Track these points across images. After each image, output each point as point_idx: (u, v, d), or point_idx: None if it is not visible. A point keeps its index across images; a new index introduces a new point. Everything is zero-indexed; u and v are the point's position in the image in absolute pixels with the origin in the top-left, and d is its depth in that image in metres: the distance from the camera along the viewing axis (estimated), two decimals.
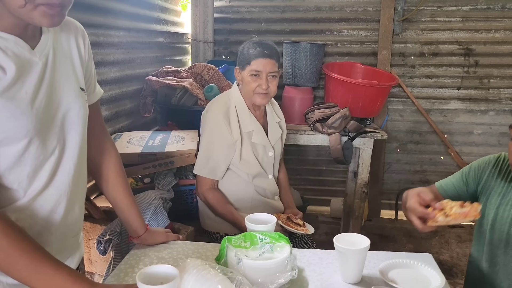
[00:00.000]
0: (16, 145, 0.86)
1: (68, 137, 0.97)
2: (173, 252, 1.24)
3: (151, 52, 2.65)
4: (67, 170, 0.97)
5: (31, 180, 0.90)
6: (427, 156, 3.46)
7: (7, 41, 0.84)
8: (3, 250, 0.80)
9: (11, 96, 0.83)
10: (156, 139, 1.96)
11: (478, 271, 1.33)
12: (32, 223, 0.92)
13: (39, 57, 0.90)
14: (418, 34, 3.25)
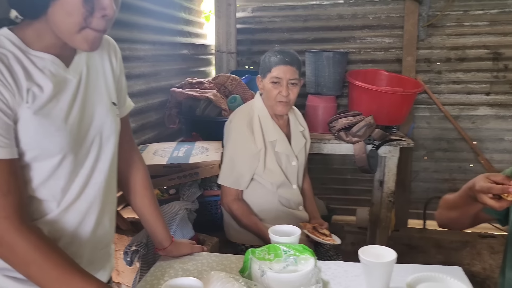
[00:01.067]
0: (51, 160, 0.89)
1: (100, 151, 1.00)
2: (198, 264, 1.24)
3: (175, 64, 2.70)
4: (98, 183, 0.99)
5: (64, 193, 0.93)
6: (456, 164, 3.37)
7: (44, 61, 0.87)
8: (35, 263, 0.83)
9: (47, 113, 0.86)
10: (180, 150, 1.99)
11: (509, 285, 1.28)
12: (63, 235, 0.95)
13: (73, 75, 0.93)
14: (444, 39, 3.19)
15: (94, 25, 0.84)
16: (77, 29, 0.82)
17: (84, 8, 0.80)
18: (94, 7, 0.82)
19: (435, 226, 3.63)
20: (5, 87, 0.81)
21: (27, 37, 0.87)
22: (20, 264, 0.84)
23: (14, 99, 0.82)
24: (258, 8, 3.40)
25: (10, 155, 0.82)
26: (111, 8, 0.83)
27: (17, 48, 0.85)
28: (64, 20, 0.82)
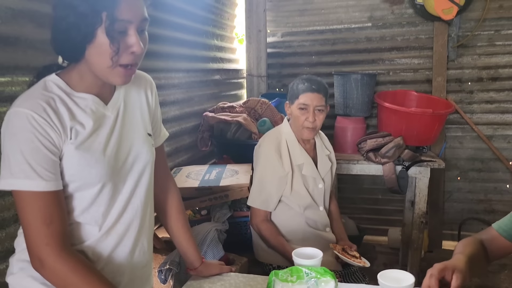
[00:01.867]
0: (92, 189, 1.00)
1: (137, 178, 1.10)
2: (226, 284, 1.32)
3: (208, 89, 2.83)
4: (135, 208, 1.09)
5: (105, 218, 1.03)
6: (491, 184, 3.30)
7: (86, 101, 1.00)
8: (73, 286, 0.93)
9: (88, 147, 0.98)
10: (212, 173, 2.09)
11: None
12: (103, 256, 1.05)
13: (111, 111, 1.04)
14: (475, 59, 3.18)
15: (123, 61, 0.95)
16: (109, 66, 0.94)
17: (111, 49, 0.92)
18: (120, 47, 0.93)
19: None
20: (52, 128, 0.93)
21: (72, 79, 1.00)
22: (61, 286, 0.95)
23: (60, 138, 0.94)
24: (288, 33, 3.51)
25: (55, 187, 0.94)
26: (138, 45, 0.94)
27: (62, 92, 0.97)
28: (97, 60, 0.94)
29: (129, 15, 0.92)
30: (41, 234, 0.92)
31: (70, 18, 0.90)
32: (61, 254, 0.93)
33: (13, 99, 0.96)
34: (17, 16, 1.29)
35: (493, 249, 1.37)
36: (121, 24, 0.91)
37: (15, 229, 1.10)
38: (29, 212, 0.92)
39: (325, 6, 3.40)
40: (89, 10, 0.88)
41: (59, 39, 0.95)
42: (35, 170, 0.90)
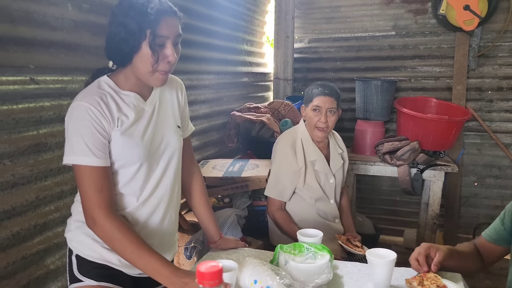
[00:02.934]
0: (132, 167, 1.26)
1: (168, 161, 1.35)
2: (240, 256, 1.55)
3: (236, 91, 3.08)
4: (165, 185, 1.35)
5: (141, 191, 1.29)
6: (508, 191, 3.38)
7: (129, 97, 1.26)
8: (117, 240, 1.19)
9: (130, 133, 1.24)
10: (235, 166, 2.33)
11: None
12: (139, 222, 1.31)
13: (149, 106, 1.30)
14: (496, 69, 3.28)
15: (161, 68, 1.20)
16: (149, 72, 1.20)
17: (152, 59, 1.17)
18: (159, 57, 1.18)
19: None
20: (104, 118, 1.19)
21: (119, 80, 1.26)
22: (108, 240, 1.21)
23: (109, 126, 1.20)
24: (314, 39, 3.72)
25: (105, 163, 1.20)
26: (173, 56, 1.20)
27: (112, 90, 1.24)
28: (141, 66, 1.20)
29: (167, 32, 1.17)
30: (94, 199, 1.18)
31: (121, 33, 1.16)
32: (109, 215, 1.19)
33: (73, 94, 1.23)
34: (78, 26, 1.58)
35: (485, 255, 1.56)
36: (161, 39, 1.17)
37: (71, 200, 1.38)
38: (85, 182, 1.18)
39: (351, 15, 3.58)
40: (137, 28, 1.14)
41: (112, 49, 1.21)
42: (91, 149, 1.17)
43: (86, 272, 1.28)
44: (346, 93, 3.45)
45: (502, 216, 1.51)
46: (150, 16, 1.14)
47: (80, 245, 1.29)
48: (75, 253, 1.30)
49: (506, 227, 1.48)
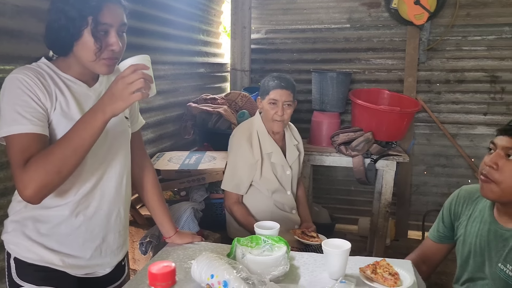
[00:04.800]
0: None
1: (113, 153, 1.29)
2: (197, 250, 1.52)
3: (192, 82, 3.02)
4: (110, 179, 1.29)
5: (84, 182, 1.22)
6: (454, 179, 3.55)
7: (71, 81, 1.20)
8: (42, 159, 1.05)
9: (72, 118, 1.15)
10: (192, 158, 2.29)
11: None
12: (82, 215, 1.23)
13: (93, 92, 1.24)
14: (444, 62, 3.41)
15: (105, 56, 1.15)
16: (93, 60, 1.14)
17: (95, 46, 1.12)
18: (103, 44, 1.13)
19: None
20: (39, 89, 1.10)
21: (60, 65, 1.20)
22: (39, 174, 1.04)
23: (46, 101, 1.11)
24: (271, 30, 3.71)
25: (41, 131, 1.09)
26: (117, 45, 1.15)
27: (51, 70, 1.18)
28: (83, 54, 1.15)
29: (110, 20, 1.13)
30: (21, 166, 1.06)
31: (61, 20, 1.11)
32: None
33: None
34: (21, 12, 1.47)
35: (435, 255, 1.64)
36: (104, 26, 1.12)
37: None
38: (16, 151, 1.06)
39: (307, 6, 3.60)
40: (77, 14, 1.09)
41: (51, 37, 1.15)
42: (25, 116, 1.07)
43: (26, 276, 1.21)
44: (302, 84, 3.48)
45: (440, 215, 1.60)
46: (92, 3, 1.09)
47: (17, 247, 1.21)
48: (13, 256, 1.22)
49: (446, 224, 1.56)
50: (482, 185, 1.31)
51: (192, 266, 1.27)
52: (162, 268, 0.72)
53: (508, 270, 1.28)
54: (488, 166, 1.27)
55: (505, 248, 1.30)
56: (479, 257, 1.40)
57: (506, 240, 1.30)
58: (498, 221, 1.35)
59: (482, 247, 1.38)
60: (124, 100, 1.05)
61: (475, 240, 1.40)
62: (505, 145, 1.25)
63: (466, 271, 1.46)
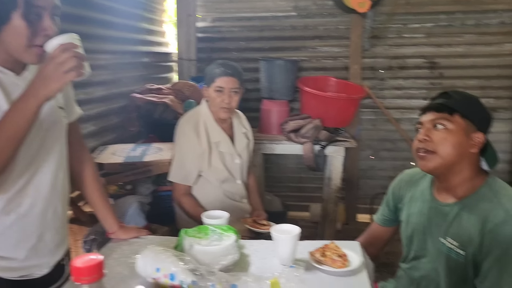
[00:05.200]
0: None
1: (48, 145, 1.20)
2: (143, 244, 1.46)
3: (136, 72, 2.90)
4: (45, 173, 1.19)
5: (18, 177, 1.12)
6: (399, 162, 3.67)
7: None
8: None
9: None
10: (137, 151, 2.20)
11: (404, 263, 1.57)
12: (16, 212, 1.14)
13: (22, 81, 1.13)
14: (386, 49, 3.51)
15: (37, 42, 1.06)
16: (25, 47, 1.05)
17: (27, 31, 1.03)
18: (37, 29, 1.04)
19: None
20: None
21: None
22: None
23: None
24: (217, 18, 3.64)
25: None
26: (51, 28, 1.06)
27: None
28: (13, 40, 1.04)
29: (43, 2, 1.04)
30: None
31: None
32: None
33: None
34: None
35: (381, 239, 1.70)
36: (37, 9, 1.03)
37: None
38: None
39: None
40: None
41: None
42: None
43: None
44: (251, 73, 3.45)
45: (385, 199, 1.65)
46: None
47: None
48: None
49: (390, 207, 1.61)
50: (420, 161, 1.35)
51: (136, 261, 1.21)
52: (88, 261, 0.66)
53: (448, 243, 1.32)
54: (421, 141, 1.32)
55: (445, 223, 1.35)
56: (421, 235, 1.44)
57: (445, 215, 1.35)
58: (437, 198, 1.40)
59: (424, 225, 1.43)
60: (58, 80, 0.98)
61: (417, 219, 1.45)
62: (430, 119, 1.33)
63: (411, 250, 1.51)
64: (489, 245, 1.20)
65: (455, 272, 1.32)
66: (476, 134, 1.29)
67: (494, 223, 1.20)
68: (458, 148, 1.28)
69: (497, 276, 1.19)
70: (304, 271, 1.17)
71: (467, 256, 1.27)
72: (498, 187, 1.29)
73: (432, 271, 1.40)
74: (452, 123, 1.28)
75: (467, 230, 1.27)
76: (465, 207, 1.30)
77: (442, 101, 1.34)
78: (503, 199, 1.23)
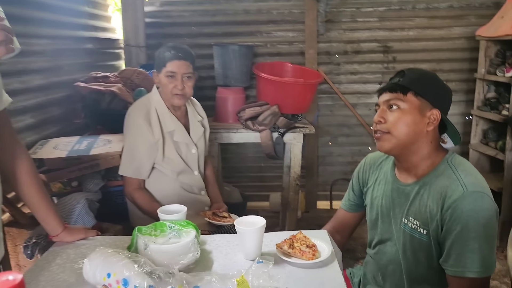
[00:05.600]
0: None
1: None
2: (92, 246, 1.31)
3: (79, 59, 2.67)
4: None
5: None
6: (357, 147, 3.69)
7: None
8: None
9: None
10: (82, 144, 2.01)
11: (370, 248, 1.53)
12: None
13: None
14: (341, 33, 3.47)
15: None
16: None
17: None
18: None
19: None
20: None
21: None
22: None
23: None
24: (167, 2, 3.45)
25: None
26: None
27: None
28: None
29: None
30: None
31: None
32: None
33: None
34: None
35: (348, 225, 1.63)
36: None
37: None
38: None
39: None
40: None
41: None
42: None
43: None
44: (204, 60, 3.30)
45: (350, 184, 1.61)
46: None
47: None
48: None
49: (355, 192, 1.57)
50: (377, 143, 1.33)
51: (84, 266, 1.07)
52: (4, 283, 0.53)
53: (411, 223, 1.29)
54: (377, 123, 1.29)
55: (407, 203, 1.32)
56: (386, 217, 1.41)
57: (407, 195, 1.32)
58: (399, 179, 1.37)
59: (388, 207, 1.40)
60: None
61: (381, 201, 1.41)
62: (385, 99, 1.29)
63: (376, 234, 1.47)
64: (449, 222, 1.17)
65: (420, 253, 1.28)
66: (431, 111, 1.26)
67: (453, 199, 1.17)
68: (412, 127, 1.25)
69: (459, 253, 1.16)
70: (272, 265, 1.07)
71: (430, 235, 1.24)
72: (457, 162, 1.27)
73: (397, 254, 1.36)
74: (405, 102, 1.25)
75: (427, 208, 1.24)
76: (424, 184, 1.28)
77: (396, 81, 1.30)
78: (461, 174, 1.21)
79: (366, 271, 1.54)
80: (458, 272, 1.16)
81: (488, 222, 1.14)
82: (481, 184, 1.19)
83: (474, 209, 1.14)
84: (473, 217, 1.14)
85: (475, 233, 1.14)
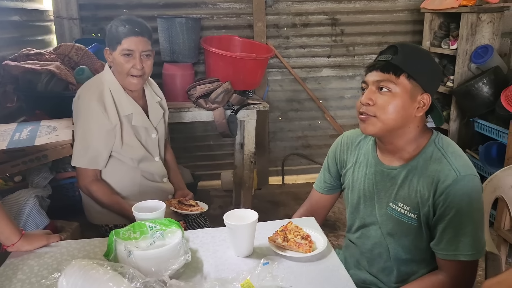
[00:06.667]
0: None
1: None
2: (57, 254, 1.14)
3: (5, 33, 2.33)
4: None
5: None
6: (306, 122, 3.68)
7: None
8: None
9: None
10: (23, 132, 1.76)
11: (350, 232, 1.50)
12: None
13: None
14: (289, 5, 3.38)
15: None
16: None
17: None
18: None
19: (292, 180, 3.92)
20: None
21: None
22: None
23: None
24: None
25: None
26: None
27: None
28: None
29: None
30: None
31: None
32: None
33: None
34: None
35: (323, 207, 1.57)
36: None
37: None
38: None
39: None
40: None
41: None
42: None
43: None
44: None
45: (325, 165, 1.54)
46: None
47: None
48: None
49: (332, 173, 1.52)
50: (361, 124, 1.26)
51: (58, 283, 0.91)
52: None
53: (399, 208, 1.27)
54: (364, 105, 1.22)
55: (394, 187, 1.28)
56: (369, 201, 1.37)
57: (393, 178, 1.29)
58: (382, 161, 1.32)
59: (371, 190, 1.35)
60: None
61: (363, 184, 1.37)
62: (375, 79, 1.22)
63: (357, 217, 1.43)
64: (442, 207, 1.16)
65: (408, 236, 1.27)
66: (422, 96, 1.21)
67: (446, 184, 1.15)
68: (401, 112, 1.19)
69: (452, 236, 1.16)
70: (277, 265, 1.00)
71: (420, 219, 1.22)
72: (444, 144, 1.25)
73: (382, 238, 1.34)
74: (397, 85, 1.18)
75: (417, 193, 1.22)
76: (413, 169, 1.24)
77: (388, 58, 1.22)
78: (451, 158, 1.19)
79: (346, 255, 1.51)
80: (450, 256, 1.16)
81: (478, 204, 1.15)
82: (469, 165, 1.18)
83: (467, 193, 1.13)
84: (466, 201, 1.13)
85: (468, 217, 1.14)
